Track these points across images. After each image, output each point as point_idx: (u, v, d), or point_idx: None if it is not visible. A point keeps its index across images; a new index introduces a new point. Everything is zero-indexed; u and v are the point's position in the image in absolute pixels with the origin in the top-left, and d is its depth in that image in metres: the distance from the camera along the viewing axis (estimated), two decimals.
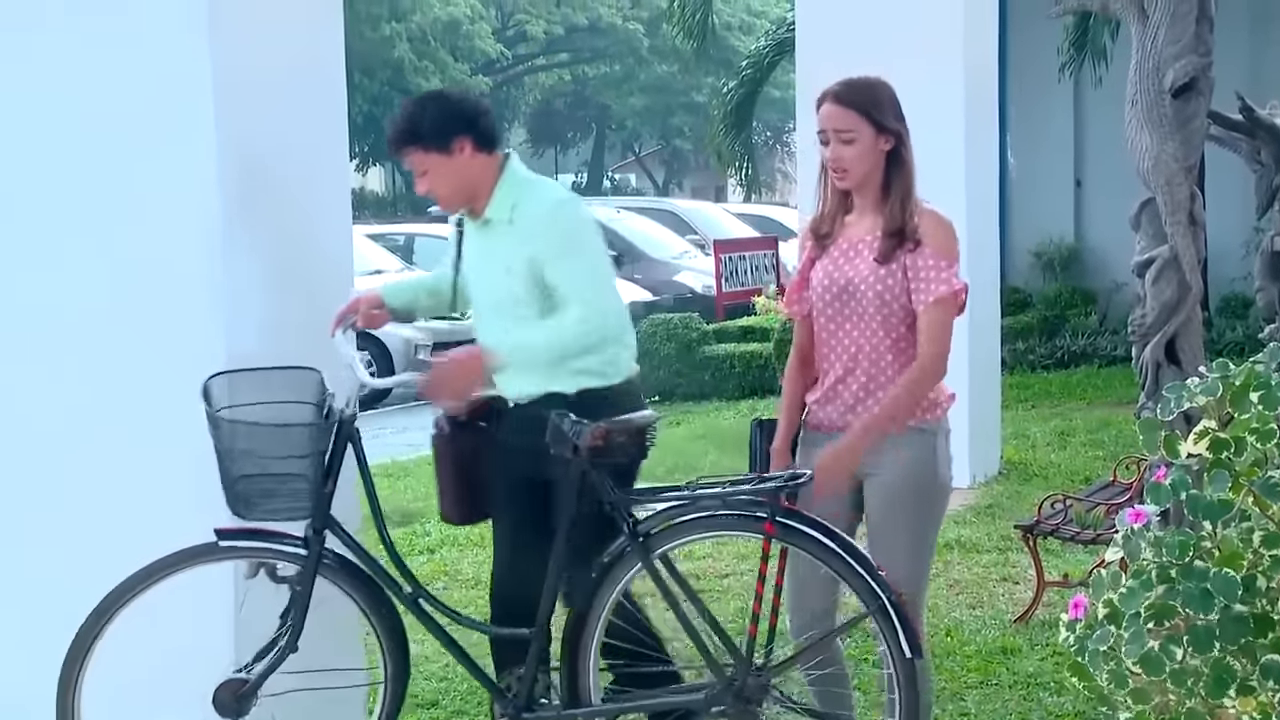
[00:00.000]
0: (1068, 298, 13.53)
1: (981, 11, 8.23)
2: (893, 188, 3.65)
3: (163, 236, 4.02)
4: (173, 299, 4.00)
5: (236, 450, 3.62)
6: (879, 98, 3.66)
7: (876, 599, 3.40)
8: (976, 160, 8.04)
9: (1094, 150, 13.86)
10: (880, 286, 3.61)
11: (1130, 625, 2.13)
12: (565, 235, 3.75)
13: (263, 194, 4.07)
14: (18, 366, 4.13)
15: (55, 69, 4.04)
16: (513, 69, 41.22)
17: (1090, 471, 7.88)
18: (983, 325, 8.14)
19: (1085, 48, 12.85)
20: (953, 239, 3.68)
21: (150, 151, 4.01)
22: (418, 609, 3.76)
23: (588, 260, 3.77)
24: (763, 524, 3.46)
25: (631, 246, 18.25)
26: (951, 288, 3.59)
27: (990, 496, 7.61)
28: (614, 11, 39.25)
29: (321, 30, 4.40)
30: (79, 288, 4.06)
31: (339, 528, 3.73)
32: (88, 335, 4.06)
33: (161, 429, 3.95)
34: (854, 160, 3.63)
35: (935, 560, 6.24)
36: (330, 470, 3.69)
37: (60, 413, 4.10)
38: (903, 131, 3.66)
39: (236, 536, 3.71)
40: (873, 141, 3.62)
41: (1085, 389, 11.31)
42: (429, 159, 3.76)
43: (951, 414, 3.77)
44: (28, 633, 4.08)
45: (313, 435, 3.63)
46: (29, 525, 4.14)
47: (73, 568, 3.97)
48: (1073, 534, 5.52)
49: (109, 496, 4.04)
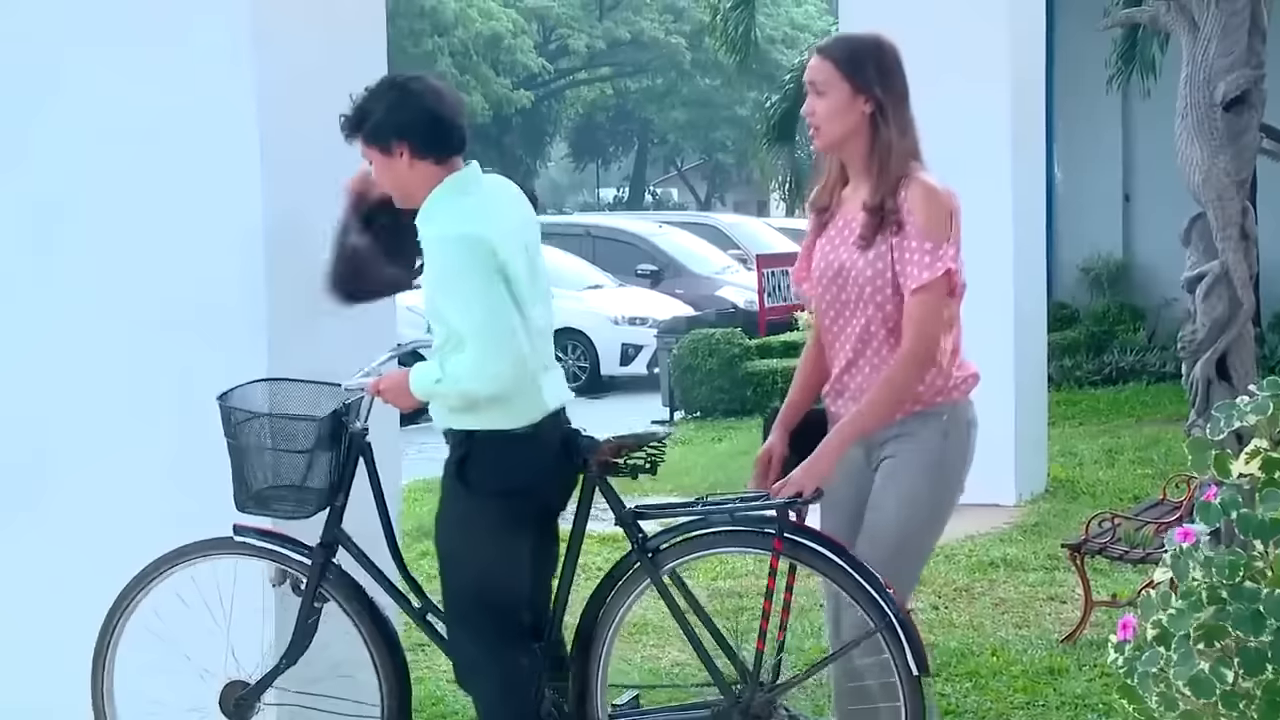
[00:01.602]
0: (1116, 313, 13.45)
1: (1028, 24, 8.20)
2: (876, 161, 3.44)
3: (205, 253, 4.09)
4: (215, 317, 4.07)
5: (244, 446, 3.67)
6: (861, 54, 3.46)
7: (884, 616, 3.37)
8: (1023, 174, 8.01)
9: (1143, 164, 13.77)
10: (870, 272, 3.44)
11: (1180, 646, 2.11)
12: (446, 271, 3.46)
13: (304, 211, 4.11)
14: (63, 375, 4.25)
15: (107, 91, 4.15)
16: (554, 83, 41.38)
17: (1139, 490, 7.82)
18: (1029, 341, 8.10)
19: (1134, 60, 12.78)
20: (941, 214, 3.41)
21: (195, 166, 4.09)
22: (425, 624, 3.75)
23: (468, 305, 3.42)
24: (771, 540, 3.43)
25: (673, 261, 18.30)
26: (935, 273, 3.37)
27: (1037, 514, 7.56)
28: (656, 25, 39.35)
29: (364, 46, 4.45)
30: (121, 306, 4.16)
31: (350, 543, 3.73)
32: (127, 352, 4.17)
33: (201, 436, 3.99)
34: (825, 117, 3.44)
35: (981, 578, 6.27)
36: (341, 484, 3.70)
37: (102, 420, 4.21)
38: (884, 97, 3.43)
39: (251, 534, 3.76)
40: (848, 99, 3.43)
41: (1134, 406, 11.23)
42: (370, 153, 3.56)
43: (998, 430, 3.70)
44: (47, 635, 4.20)
45: (313, 430, 3.62)
46: (72, 530, 4.23)
47: (107, 574, 4.01)
48: (1121, 553, 5.48)
49: (152, 504, 4.13)
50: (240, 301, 4.06)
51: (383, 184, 3.62)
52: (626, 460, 3.61)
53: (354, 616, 3.72)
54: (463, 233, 3.45)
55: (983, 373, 3.62)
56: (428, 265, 3.52)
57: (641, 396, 14.10)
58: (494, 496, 3.52)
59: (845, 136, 3.47)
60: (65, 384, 4.25)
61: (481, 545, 3.54)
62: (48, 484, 4.27)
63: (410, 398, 3.57)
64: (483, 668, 3.57)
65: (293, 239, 4.08)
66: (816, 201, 3.62)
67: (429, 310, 3.54)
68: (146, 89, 4.09)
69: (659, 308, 16.13)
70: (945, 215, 3.42)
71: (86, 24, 4.16)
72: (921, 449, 3.47)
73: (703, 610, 3.63)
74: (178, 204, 4.10)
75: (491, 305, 3.42)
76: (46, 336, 4.26)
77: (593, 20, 39.92)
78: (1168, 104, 4.60)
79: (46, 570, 4.27)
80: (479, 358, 3.39)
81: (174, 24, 4.08)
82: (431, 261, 3.50)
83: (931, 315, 3.41)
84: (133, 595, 3.82)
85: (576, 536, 3.64)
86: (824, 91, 3.44)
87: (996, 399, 8.05)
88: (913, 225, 3.40)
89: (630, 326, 15.88)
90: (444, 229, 3.47)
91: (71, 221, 4.20)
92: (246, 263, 4.05)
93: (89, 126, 4.16)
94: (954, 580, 6.21)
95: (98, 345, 4.20)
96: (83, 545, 4.22)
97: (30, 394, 4.28)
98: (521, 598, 3.61)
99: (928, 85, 3.70)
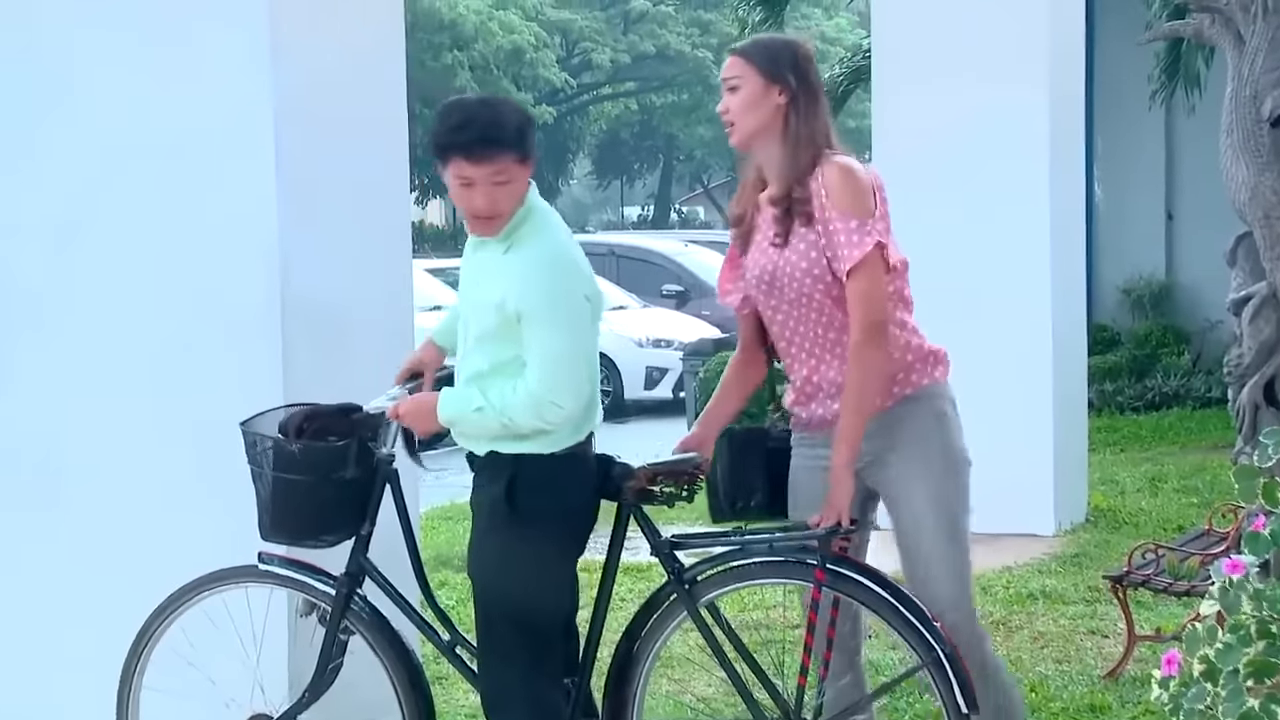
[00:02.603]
0: (1159, 336, 13.39)
1: (1068, 37, 8.19)
2: (788, 148, 3.46)
3: (221, 268, 4.12)
4: (230, 334, 4.10)
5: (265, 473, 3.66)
6: (775, 50, 3.53)
7: (931, 651, 3.35)
8: (1062, 192, 7.99)
9: (1187, 182, 13.74)
10: (805, 264, 3.45)
11: (1228, 683, 2.10)
12: (549, 296, 3.41)
13: (321, 227, 4.14)
14: (78, 393, 4.30)
15: (123, 100, 4.20)
16: (577, 98, 41.56)
17: (1183, 519, 7.78)
18: (1069, 365, 8.07)
19: (1178, 74, 12.75)
20: (860, 190, 3.40)
21: (210, 182, 4.13)
22: (454, 657, 3.72)
23: (558, 333, 3.40)
24: (813, 571, 3.42)
25: (700, 281, 18.31)
26: (865, 249, 3.36)
27: (1077, 545, 7.52)
28: (682, 39, 39.49)
29: (383, 61, 4.48)
30: (137, 320, 4.20)
31: (377, 573, 3.72)
32: (144, 367, 4.23)
33: (216, 459, 4.03)
34: (739, 110, 3.47)
35: (1019, 610, 6.23)
36: (367, 512, 3.68)
37: (118, 440, 4.26)
38: (797, 87, 3.46)
39: (276, 563, 3.76)
40: (761, 90, 3.47)
41: (1178, 432, 11.18)
42: (511, 168, 3.41)
43: (1036, 457, 3.70)
44: (63, 652, 4.27)
45: (337, 455, 3.60)
46: (81, 552, 4.28)
47: (125, 593, 4.07)
48: (1165, 585, 5.44)
49: (164, 523, 4.18)
50: (256, 319, 4.09)
51: (505, 202, 3.44)
52: (663, 488, 3.59)
53: (378, 650, 3.69)
54: (571, 256, 3.49)
55: (1021, 398, 3.63)
56: (510, 286, 3.40)
57: (666, 421, 14.09)
58: (546, 521, 3.49)
59: (758, 129, 3.48)
60: (80, 402, 4.30)
61: (527, 573, 3.51)
62: (63, 501, 4.32)
63: (433, 423, 3.54)
64: (516, 702, 3.54)
65: (310, 256, 4.11)
66: (731, 211, 3.66)
67: (480, 334, 3.49)
68: (162, 103, 4.14)
69: (685, 329, 16.14)
70: (865, 190, 3.42)
71: (102, 36, 4.21)
72: (923, 444, 3.50)
73: (742, 643, 3.61)
74: (194, 219, 4.14)
75: (578, 335, 3.44)
76: (61, 353, 4.31)
77: (617, 34, 40.08)
78: (1213, 119, 4.59)
79: (62, 588, 4.32)
80: (545, 388, 3.37)
81: (190, 38, 4.12)
82: (520, 282, 3.40)
83: (874, 289, 3.41)
84: (156, 625, 3.82)
85: (610, 567, 3.62)
86: (737, 86, 3.48)
87: (1034, 425, 8.02)
88: (833, 207, 3.40)
89: (655, 349, 15.89)
90: (547, 250, 3.45)
91: (87, 237, 4.25)
92: (263, 279, 4.08)
93: (105, 142, 4.21)
94: (990, 613, 6.18)
95: (113, 361, 4.25)
96: (100, 567, 4.27)
97: (45, 412, 4.33)
98: (560, 627, 3.60)
99: (963, 100, 3.72)
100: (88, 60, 4.21)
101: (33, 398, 4.35)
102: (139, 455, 4.24)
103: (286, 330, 4.08)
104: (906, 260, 3.53)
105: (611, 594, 3.66)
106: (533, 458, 3.47)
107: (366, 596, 3.72)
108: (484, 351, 3.48)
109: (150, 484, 4.23)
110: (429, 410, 3.53)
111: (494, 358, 3.46)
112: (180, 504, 4.19)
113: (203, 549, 3.93)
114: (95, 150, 4.22)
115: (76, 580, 4.31)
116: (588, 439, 3.57)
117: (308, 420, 3.62)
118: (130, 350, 4.23)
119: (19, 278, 4.34)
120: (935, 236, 7.35)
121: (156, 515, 4.22)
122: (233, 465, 3.82)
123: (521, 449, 3.47)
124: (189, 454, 4.18)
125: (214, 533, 4.04)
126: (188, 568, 3.82)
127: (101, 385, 4.27)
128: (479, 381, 3.47)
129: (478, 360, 3.50)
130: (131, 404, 4.24)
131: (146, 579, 3.94)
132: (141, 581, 3.95)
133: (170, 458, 4.20)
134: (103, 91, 4.20)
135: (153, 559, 4.13)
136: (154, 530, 4.21)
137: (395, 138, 4.56)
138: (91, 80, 4.21)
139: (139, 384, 4.23)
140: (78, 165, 4.24)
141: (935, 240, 7.35)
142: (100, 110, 4.21)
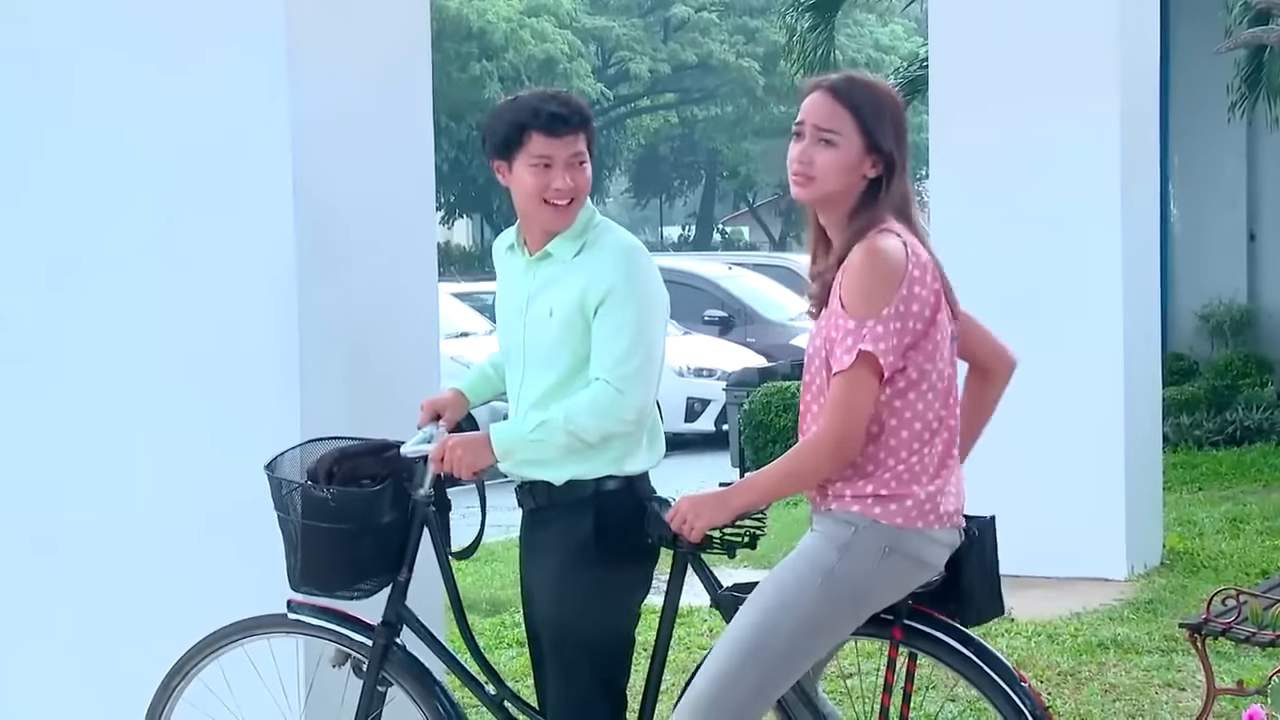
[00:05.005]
0: (1240, 365, 13.34)
1: (1141, 46, 8.19)
2: (854, 222, 3.29)
3: (234, 297, 4.16)
4: (247, 363, 4.14)
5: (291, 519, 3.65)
6: (880, 105, 3.32)
7: (1019, 714, 3.34)
8: (1135, 212, 7.98)
9: (1270, 200, 13.70)
10: (819, 342, 3.32)
11: None
12: (630, 280, 3.53)
13: (342, 249, 4.18)
14: (87, 426, 4.34)
15: (136, 129, 4.26)
16: (614, 110, 41.68)
17: (1267, 563, 7.73)
18: (1142, 397, 8.03)
19: (1259, 85, 12.73)
20: (872, 284, 3.21)
21: (222, 207, 4.17)
22: (501, 711, 3.72)
23: (638, 319, 3.50)
24: (890, 628, 3.40)
25: (745, 307, 18.31)
26: (851, 357, 3.18)
27: (1151, 590, 7.48)
28: (726, 48, 39.57)
29: (408, 76, 4.52)
30: (153, 347, 4.26)
31: (416, 621, 3.72)
32: (160, 397, 4.26)
33: (231, 499, 4.07)
34: (825, 169, 3.27)
35: (1089, 660, 6.20)
36: (404, 558, 3.69)
37: (134, 472, 4.29)
38: (896, 160, 3.30)
39: (306, 611, 3.76)
40: (858, 156, 3.28)
41: (1261, 469, 11.11)
42: (585, 151, 3.58)
43: (1107, 497, 3.63)
44: (98, 700, 4.26)
45: (373, 500, 3.59)
46: (94, 586, 4.31)
47: (139, 634, 4.13)
48: (1248, 635, 5.41)
49: (180, 556, 4.21)
50: (272, 348, 4.12)
51: (574, 181, 3.54)
52: (724, 535, 3.52)
53: (420, 703, 3.69)
54: (645, 249, 3.64)
55: (1091, 432, 3.55)
56: (591, 277, 3.51)
57: (708, 456, 14.09)
58: (636, 554, 3.57)
59: (839, 195, 3.32)
60: (89, 435, 4.33)
61: (617, 616, 3.60)
62: (69, 538, 4.35)
63: (486, 457, 3.56)
64: None
65: (328, 282, 4.14)
66: (812, 271, 3.45)
67: (550, 346, 3.54)
68: (176, 128, 4.20)
69: (728, 358, 16.14)
70: (881, 284, 3.22)
71: (113, 59, 4.26)
72: (812, 551, 3.33)
73: (810, 700, 3.58)
74: (208, 246, 4.19)
75: (654, 321, 3.57)
76: (69, 385, 4.35)
77: (656, 42, 40.21)
78: None
79: (66, 647, 4.35)
80: (615, 375, 3.47)
81: (204, 59, 4.18)
82: (602, 269, 3.53)
83: (851, 400, 3.21)
84: (177, 680, 3.82)
85: (668, 618, 3.61)
86: (834, 142, 3.28)
87: (1106, 462, 7.98)
88: (839, 299, 3.25)
89: (696, 379, 15.89)
90: (625, 239, 3.62)
91: (98, 264, 4.30)
92: (278, 308, 4.11)
93: (116, 167, 4.27)
94: (1058, 663, 6.15)
95: (123, 392, 4.29)
96: (107, 622, 4.30)
97: (52, 446, 4.38)
98: (628, 672, 3.65)
99: (1028, 114, 3.71)
100: (97, 85, 4.27)
101: (36, 440, 4.39)
102: (145, 498, 4.26)
103: (304, 361, 4.11)
104: (926, 370, 3.28)
105: (669, 643, 3.67)
106: (613, 492, 3.54)
107: (405, 645, 3.73)
108: (552, 365, 3.55)
109: (158, 529, 4.25)
110: (481, 443, 3.56)
111: (561, 368, 3.53)
112: (193, 549, 4.20)
113: (220, 598, 3.95)
114: (104, 178, 4.27)
115: (81, 640, 4.33)
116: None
117: (338, 463, 3.63)
118: (139, 384, 4.26)
119: (19, 314, 4.40)
120: (998, 260, 7.36)
121: (166, 563, 4.23)
122: (250, 505, 3.86)
123: (602, 471, 3.54)
124: (200, 494, 4.20)
125: (232, 580, 4.06)
126: (204, 619, 3.83)
127: (107, 421, 4.31)
128: (546, 400, 3.54)
129: (545, 376, 3.57)
130: (138, 440, 4.27)
131: (159, 633, 3.97)
132: (151, 637, 3.98)
133: (180, 498, 4.22)
134: (107, 118, 4.26)
135: (165, 610, 4.16)
136: (164, 580, 4.22)
137: (420, 155, 4.59)
138: (90, 106, 4.27)
139: (147, 420, 4.26)
140: (78, 195, 4.30)
141: (998, 264, 7.36)
142: (104, 138, 4.26)
